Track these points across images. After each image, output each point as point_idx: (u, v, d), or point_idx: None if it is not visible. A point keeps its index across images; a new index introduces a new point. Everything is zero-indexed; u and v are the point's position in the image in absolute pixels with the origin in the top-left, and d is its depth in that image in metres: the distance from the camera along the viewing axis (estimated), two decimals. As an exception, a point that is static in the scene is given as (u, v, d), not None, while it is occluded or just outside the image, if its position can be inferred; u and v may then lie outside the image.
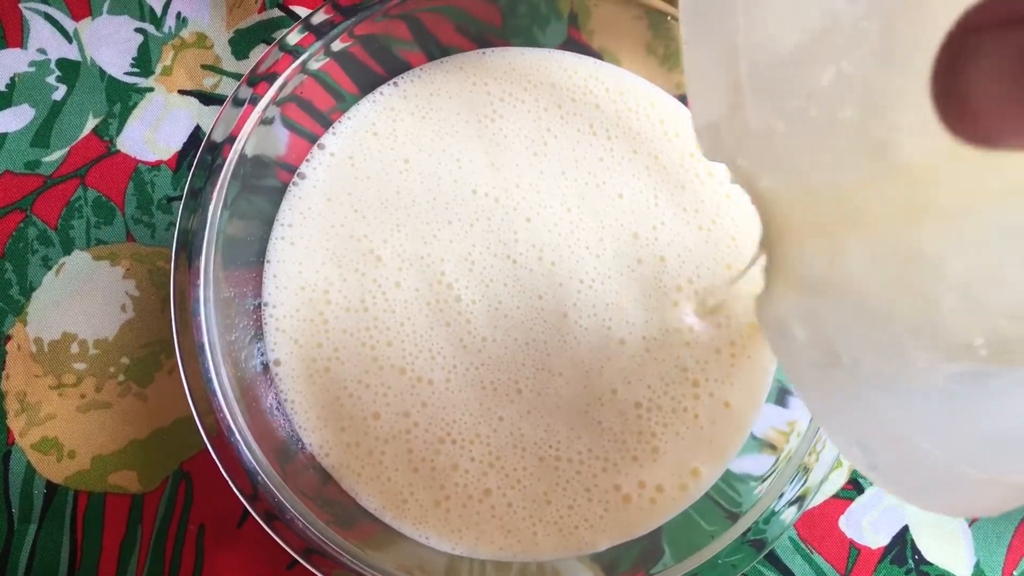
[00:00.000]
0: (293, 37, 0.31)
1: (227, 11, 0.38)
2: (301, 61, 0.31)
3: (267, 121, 0.31)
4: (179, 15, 0.37)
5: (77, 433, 0.35)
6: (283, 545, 0.30)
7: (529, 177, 0.34)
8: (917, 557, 0.35)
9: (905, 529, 0.36)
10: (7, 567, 0.34)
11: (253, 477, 0.30)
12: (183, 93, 0.37)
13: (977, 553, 0.35)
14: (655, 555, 0.31)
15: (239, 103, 0.30)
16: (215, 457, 0.30)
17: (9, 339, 0.36)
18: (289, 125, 0.33)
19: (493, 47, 0.35)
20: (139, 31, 0.37)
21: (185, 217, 0.30)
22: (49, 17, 0.37)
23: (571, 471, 0.32)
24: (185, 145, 0.37)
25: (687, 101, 0.34)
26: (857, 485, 0.36)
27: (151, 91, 0.37)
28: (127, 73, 0.37)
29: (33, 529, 0.35)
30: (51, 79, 0.37)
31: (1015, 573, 0.35)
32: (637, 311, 0.33)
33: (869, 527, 0.36)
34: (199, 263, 0.30)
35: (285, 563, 0.35)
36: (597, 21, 0.34)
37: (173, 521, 0.35)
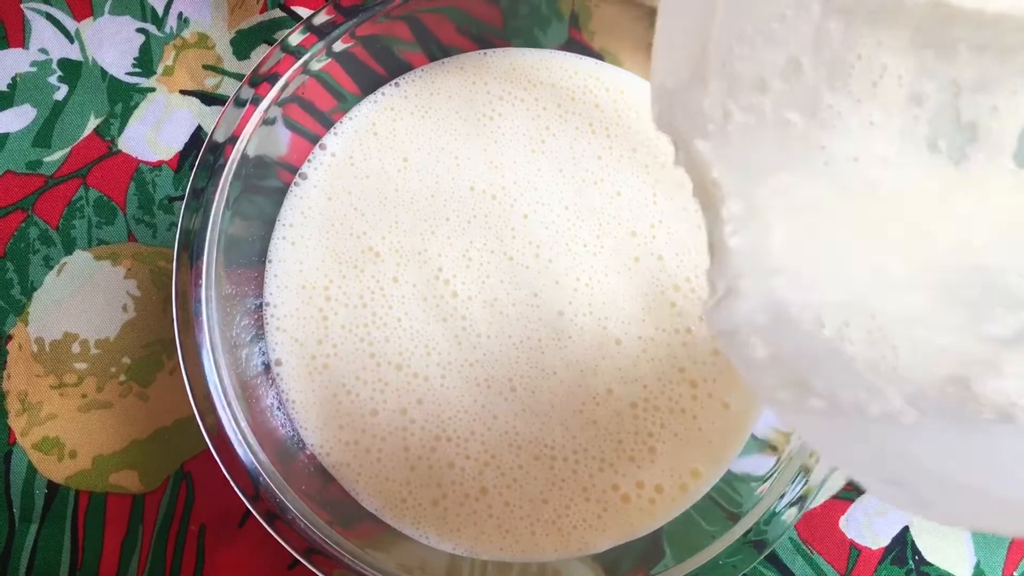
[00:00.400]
0: (295, 38, 0.31)
1: (229, 11, 0.38)
2: (303, 62, 0.31)
3: (269, 121, 0.31)
4: (181, 15, 0.38)
5: (78, 433, 0.35)
6: (285, 545, 0.30)
7: (527, 174, 0.34)
8: (917, 558, 0.35)
9: (905, 530, 0.35)
10: (8, 567, 0.35)
11: (254, 477, 0.30)
12: (185, 93, 0.37)
13: (977, 554, 0.35)
14: (656, 556, 0.31)
15: (241, 103, 0.30)
16: (216, 457, 0.30)
17: (10, 339, 0.36)
18: (291, 125, 0.33)
19: (494, 48, 0.35)
20: (141, 31, 0.37)
21: (187, 217, 0.30)
22: (51, 17, 0.37)
23: (567, 470, 0.32)
24: (186, 145, 0.37)
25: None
26: (857, 486, 0.36)
27: (153, 91, 0.37)
28: (129, 73, 0.37)
29: (34, 529, 0.35)
30: (53, 79, 0.37)
31: (1015, 574, 0.35)
32: (634, 310, 0.33)
33: (869, 528, 0.36)
34: (201, 263, 0.30)
35: (286, 563, 0.35)
36: (598, 22, 0.34)
37: (174, 521, 0.35)
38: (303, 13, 0.38)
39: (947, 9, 0.22)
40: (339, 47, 0.32)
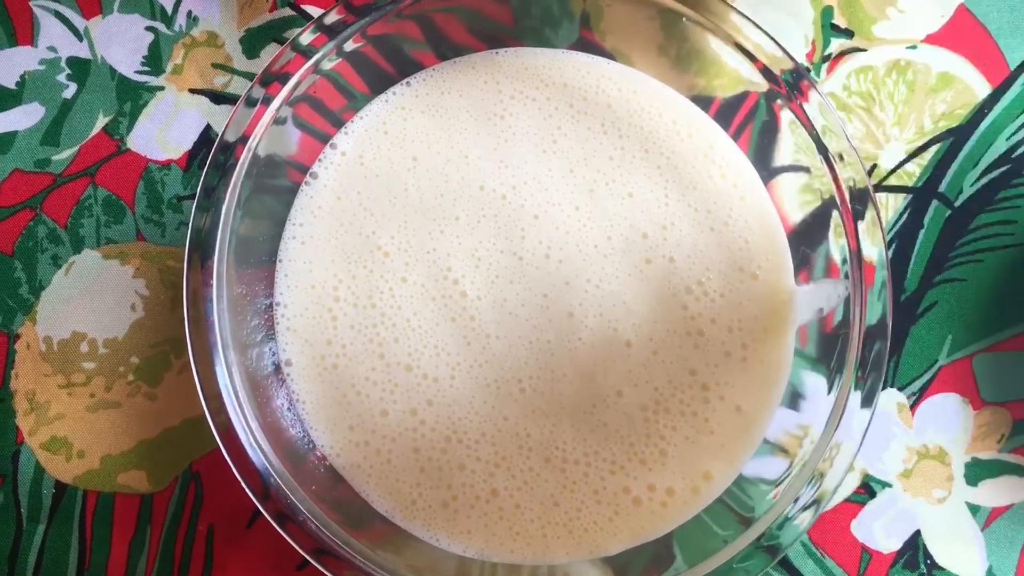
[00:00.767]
0: (306, 37, 0.31)
1: (238, 10, 0.37)
2: (314, 61, 0.31)
3: (280, 121, 0.31)
4: (190, 14, 0.37)
5: (86, 433, 0.35)
6: (295, 545, 0.29)
7: (538, 174, 0.34)
8: (929, 562, 0.35)
9: (917, 534, 0.35)
10: (16, 567, 0.35)
11: (265, 477, 0.30)
12: (194, 92, 0.37)
13: (989, 558, 0.35)
14: (667, 560, 0.31)
15: (252, 103, 0.30)
16: (227, 457, 0.30)
17: (18, 338, 0.36)
18: (301, 125, 0.32)
19: (505, 47, 0.35)
20: (150, 29, 0.37)
21: (198, 216, 0.30)
22: (60, 15, 0.37)
23: (578, 473, 0.32)
24: (195, 144, 0.37)
25: (701, 103, 0.34)
26: (869, 489, 0.36)
27: (161, 90, 0.37)
28: (137, 72, 0.37)
29: (42, 529, 0.35)
30: (61, 77, 0.37)
31: (1028, 578, 0.35)
32: (645, 312, 0.33)
33: (881, 531, 0.35)
34: (212, 263, 0.30)
35: (295, 564, 0.35)
36: (609, 22, 0.34)
37: (182, 521, 0.35)
38: (313, 11, 0.38)
39: None
40: (350, 46, 0.32)
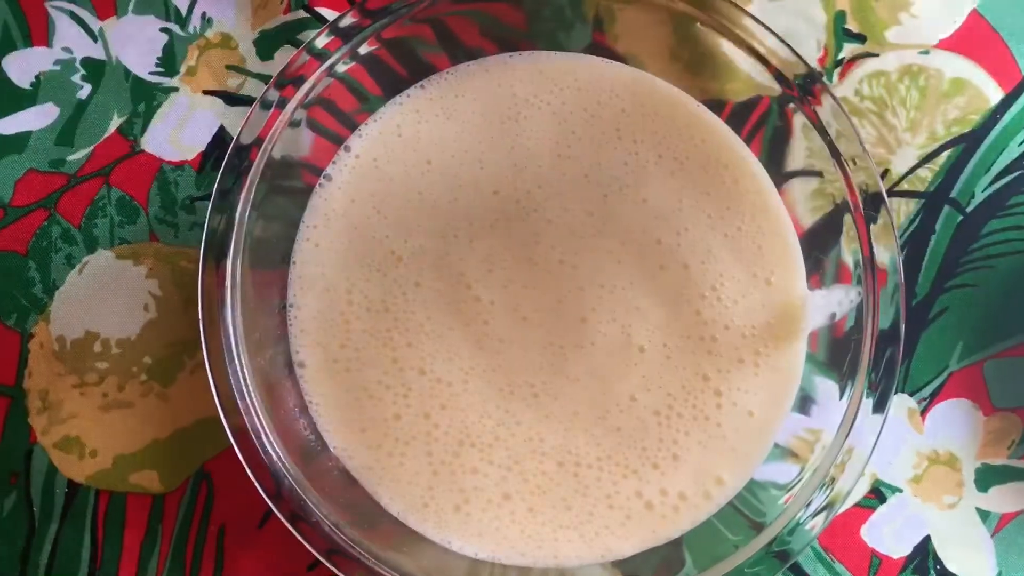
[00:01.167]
0: (321, 40, 0.31)
1: (252, 12, 0.38)
2: (328, 65, 0.31)
3: (294, 124, 0.31)
4: (204, 15, 0.38)
5: (99, 432, 0.35)
6: (307, 546, 0.30)
7: (551, 179, 0.34)
8: (939, 567, 0.35)
9: (927, 539, 0.35)
10: (28, 565, 0.35)
11: (278, 478, 0.30)
12: (208, 93, 0.37)
13: (999, 564, 0.35)
14: (677, 564, 0.31)
15: (267, 106, 0.30)
16: (240, 457, 0.30)
17: (32, 337, 0.36)
18: (315, 127, 0.33)
19: (517, 51, 0.35)
20: (164, 31, 0.37)
21: (213, 218, 0.30)
22: (74, 16, 0.37)
23: (591, 477, 0.32)
24: (209, 145, 0.37)
25: (714, 107, 0.34)
26: (879, 494, 0.36)
27: (176, 91, 0.37)
28: (152, 73, 0.37)
29: (54, 528, 0.35)
30: (76, 78, 0.37)
31: (1038, 585, 0.35)
32: (658, 318, 0.33)
33: (891, 536, 0.35)
34: (226, 264, 0.30)
35: (306, 564, 0.35)
36: (622, 25, 0.34)
37: (194, 521, 0.35)
38: (327, 13, 0.38)
39: None
40: (364, 50, 0.32)
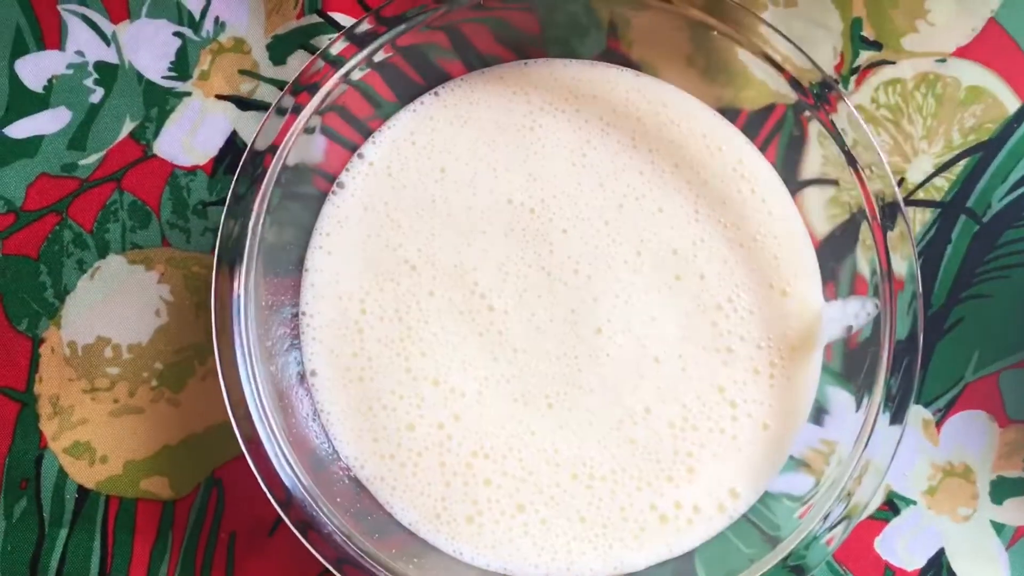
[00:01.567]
0: (336, 47, 0.31)
1: (265, 16, 0.37)
2: (343, 72, 0.31)
3: (308, 130, 0.31)
4: (217, 19, 0.37)
5: (109, 438, 0.35)
6: (316, 555, 0.30)
7: (566, 188, 0.34)
8: (953, 581, 0.35)
9: (941, 552, 0.35)
10: (38, 571, 0.35)
11: (288, 486, 0.30)
12: (220, 98, 0.37)
13: (1014, 578, 0.35)
14: (690, 578, 0.31)
15: (282, 112, 0.30)
16: (251, 464, 0.30)
17: (43, 342, 0.36)
18: (329, 134, 0.32)
19: (532, 57, 0.35)
20: (177, 35, 0.37)
21: (227, 223, 0.30)
22: (87, 19, 0.37)
23: (605, 489, 0.32)
24: (221, 150, 0.37)
25: (729, 115, 0.34)
26: (893, 506, 0.35)
27: (188, 95, 0.37)
28: (165, 77, 0.37)
29: (64, 533, 0.35)
30: (89, 82, 0.37)
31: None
32: (673, 329, 0.33)
33: (905, 549, 0.35)
34: (240, 270, 0.30)
35: (316, 573, 0.35)
36: (637, 32, 0.34)
37: (204, 528, 0.35)
38: (340, 18, 0.37)
39: None
40: (379, 57, 0.32)
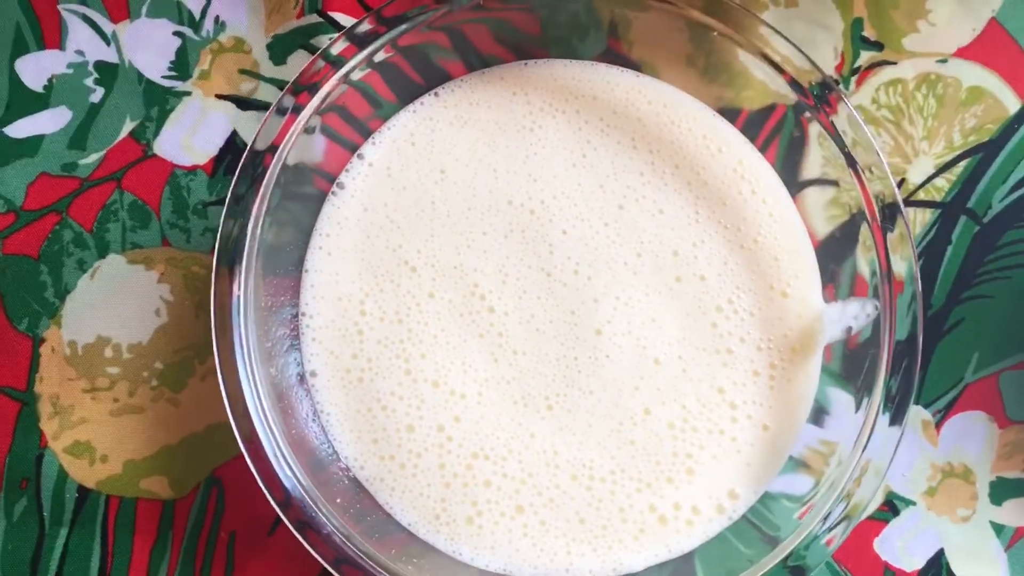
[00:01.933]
0: (336, 47, 0.31)
1: (265, 16, 0.37)
2: (344, 72, 0.31)
3: (308, 130, 0.31)
4: (217, 19, 0.37)
5: (109, 437, 0.35)
6: (315, 555, 0.30)
7: (566, 189, 0.34)
8: (952, 582, 0.35)
9: (940, 552, 0.35)
10: (38, 571, 0.35)
11: (287, 486, 0.30)
12: (220, 97, 0.37)
13: (1013, 579, 0.35)
14: (689, 579, 0.31)
15: (282, 112, 0.30)
16: (250, 464, 0.30)
17: (43, 342, 0.36)
18: (329, 134, 0.32)
19: (532, 57, 0.35)
20: (177, 35, 0.37)
21: (227, 223, 0.30)
22: (87, 19, 0.37)
23: (604, 490, 0.32)
24: (221, 150, 0.37)
25: (729, 115, 0.34)
26: (892, 507, 0.35)
27: (188, 95, 0.37)
28: (165, 76, 0.37)
29: (64, 533, 0.35)
30: (89, 81, 0.37)
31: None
32: (674, 330, 0.33)
33: (904, 549, 0.35)
34: (239, 270, 0.30)
35: (315, 573, 0.35)
36: (637, 32, 0.34)
37: (204, 528, 0.35)
38: (340, 18, 0.37)
39: None
40: (380, 57, 0.32)
